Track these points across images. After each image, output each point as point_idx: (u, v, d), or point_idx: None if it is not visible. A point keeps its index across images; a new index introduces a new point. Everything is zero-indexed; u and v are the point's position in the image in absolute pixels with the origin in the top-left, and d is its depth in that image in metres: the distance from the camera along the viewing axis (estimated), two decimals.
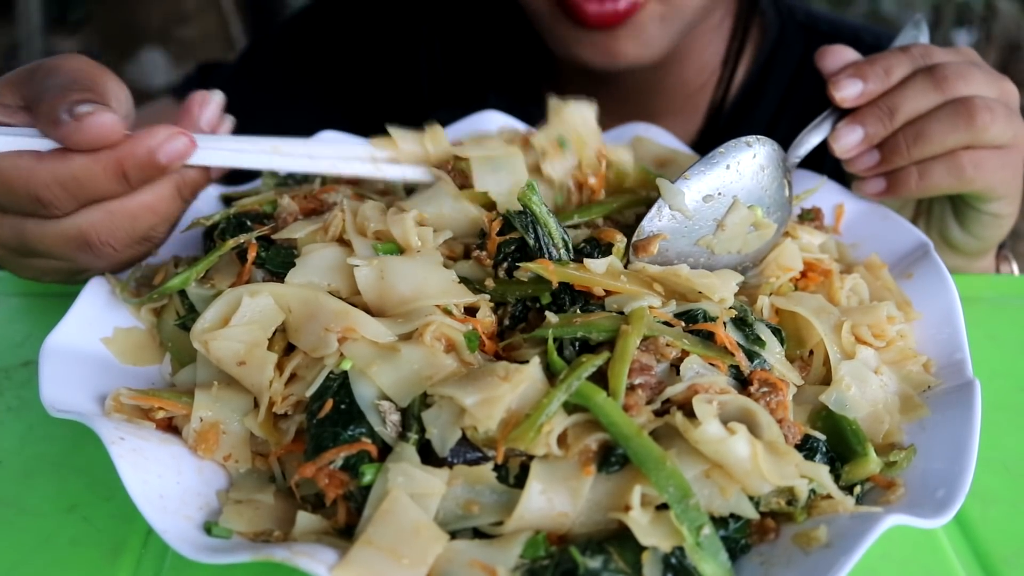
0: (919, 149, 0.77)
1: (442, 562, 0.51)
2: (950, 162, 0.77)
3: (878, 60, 0.79)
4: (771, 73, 1.21)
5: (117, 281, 0.72)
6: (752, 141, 0.72)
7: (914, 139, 0.77)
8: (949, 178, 0.78)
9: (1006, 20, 3.38)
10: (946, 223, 0.87)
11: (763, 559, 0.53)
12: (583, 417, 0.55)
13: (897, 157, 0.78)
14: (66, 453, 0.66)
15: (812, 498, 0.56)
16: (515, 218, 0.65)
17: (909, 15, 1.25)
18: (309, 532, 0.55)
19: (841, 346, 0.65)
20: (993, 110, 0.75)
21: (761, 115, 0.69)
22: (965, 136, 0.76)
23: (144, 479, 0.54)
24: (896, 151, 0.78)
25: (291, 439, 0.60)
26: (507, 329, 0.66)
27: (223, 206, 0.83)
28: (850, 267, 0.78)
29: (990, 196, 0.81)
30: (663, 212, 0.70)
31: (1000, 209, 0.83)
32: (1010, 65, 3.33)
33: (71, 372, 0.63)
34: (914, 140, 0.77)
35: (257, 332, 0.61)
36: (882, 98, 0.78)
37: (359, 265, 0.64)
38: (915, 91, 0.77)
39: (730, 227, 0.71)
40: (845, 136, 0.79)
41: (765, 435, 0.55)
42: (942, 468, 0.57)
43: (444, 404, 0.55)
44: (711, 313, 0.62)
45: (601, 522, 0.53)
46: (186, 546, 0.50)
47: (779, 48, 1.21)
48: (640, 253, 0.69)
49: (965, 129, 0.75)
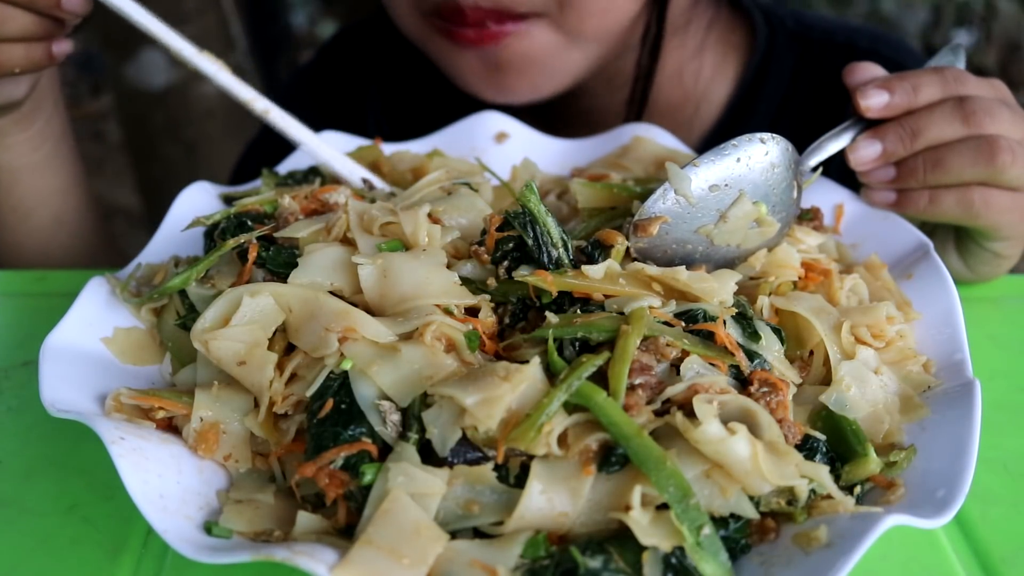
0: (935, 176, 0.77)
1: (442, 562, 0.50)
2: (961, 194, 0.78)
3: (908, 76, 0.79)
4: (762, 89, 1.17)
5: (117, 281, 0.72)
6: (766, 138, 0.71)
7: (932, 165, 0.77)
8: (957, 209, 0.78)
9: (1006, 20, 3.38)
10: (946, 251, 0.87)
11: (763, 559, 0.53)
12: (583, 417, 0.55)
13: (912, 178, 0.79)
14: (66, 453, 0.66)
15: (812, 498, 0.56)
16: (514, 218, 0.65)
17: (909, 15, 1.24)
18: (309, 532, 0.55)
19: (841, 346, 0.65)
20: (1015, 152, 0.75)
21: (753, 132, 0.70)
22: (983, 173, 0.76)
23: (144, 479, 0.54)
24: (912, 173, 0.78)
25: (291, 439, 0.60)
26: (507, 328, 0.66)
27: (223, 206, 0.83)
28: (850, 267, 0.78)
29: (995, 235, 0.81)
30: (668, 196, 0.70)
31: (1003, 249, 0.83)
32: (1010, 65, 3.33)
33: (71, 372, 0.63)
34: (932, 166, 0.77)
35: (257, 332, 0.61)
36: (906, 118, 0.78)
37: (363, 263, 0.64)
38: (941, 118, 0.77)
39: (732, 220, 0.71)
40: (863, 149, 0.79)
41: (765, 435, 0.55)
42: (942, 468, 0.57)
43: (444, 404, 0.55)
44: (711, 313, 0.62)
45: (601, 522, 0.53)
46: (186, 546, 0.50)
47: (769, 62, 1.17)
48: (640, 233, 0.69)
49: (985, 166, 0.75)
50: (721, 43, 1.19)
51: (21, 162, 1.00)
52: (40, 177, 1.03)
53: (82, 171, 1.10)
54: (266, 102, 0.82)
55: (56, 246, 1.07)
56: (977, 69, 0.83)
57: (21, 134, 0.98)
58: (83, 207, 1.10)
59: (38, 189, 1.03)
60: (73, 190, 1.07)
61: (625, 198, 0.77)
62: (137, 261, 0.76)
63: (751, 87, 1.17)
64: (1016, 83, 0.84)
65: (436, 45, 1.03)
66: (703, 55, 1.17)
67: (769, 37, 1.18)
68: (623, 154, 0.93)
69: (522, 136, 0.98)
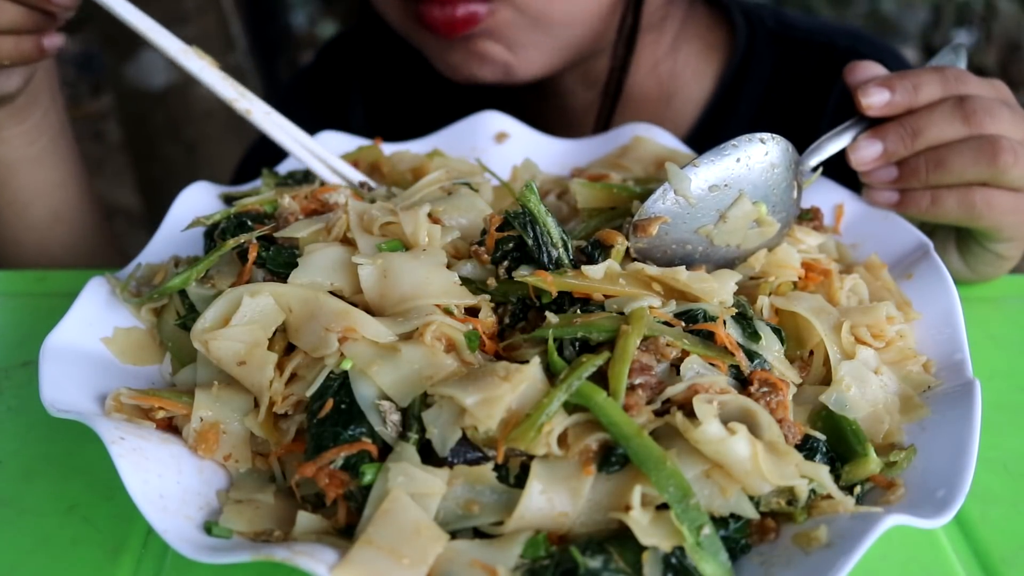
0: (937, 176, 0.77)
1: (442, 562, 0.50)
2: (963, 195, 0.78)
3: (908, 75, 0.79)
4: (742, 89, 1.17)
5: (117, 281, 0.72)
6: (766, 138, 0.71)
7: (935, 165, 0.77)
8: (959, 210, 0.78)
9: (1006, 20, 3.38)
10: (947, 251, 0.87)
11: (763, 559, 0.53)
12: (583, 417, 0.55)
13: (914, 179, 0.79)
14: (66, 453, 0.66)
15: (812, 498, 0.56)
16: (514, 218, 0.65)
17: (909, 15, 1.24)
18: (309, 532, 0.55)
19: (841, 346, 0.65)
20: (1017, 153, 0.75)
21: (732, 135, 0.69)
22: (985, 173, 0.76)
23: (144, 479, 0.54)
24: (914, 173, 0.78)
25: (291, 439, 0.60)
26: (507, 328, 0.66)
27: (223, 206, 0.83)
28: (850, 267, 0.78)
29: (997, 236, 0.81)
30: (667, 196, 0.70)
31: (1005, 250, 0.83)
32: (1010, 65, 3.33)
33: (71, 372, 0.63)
34: (934, 166, 0.77)
35: (257, 332, 0.61)
36: (907, 118, 0.78)
37: (363, 263, 0.64)
38: (941, 118, 0.77)
39: (732, 220, 0.71)
40: (864, 149, 0.79)
41: (765, 435, 0.55)
42: (942, 468, 0.57)
43: (444, 404, 0.55)
44: (711, 313, 0.62)
45: (601, 522, 0.53)
46: (186, 546, 0.50)
47: (749, 61, 1.18)
48: (639, 233, 0.69)
49: (986, 166, 0.75)
50: (700, 42, 1.20)
51: (17, 155, 1.00)
52: (37, 171, 1.03)
53: (82, 168, 1.10)
54: (249, 102, 0.82)
55: (54, 242, 1.07)
56: (977, 69, 0.83)
57: (16, 127, 0.98)
58: (82, 203, 1.10)
59: (35, 183, 1.04)
60: (71, 185, 1.07)
61: (625, 198, 0.77)
62: (137, 261, 0.76)
63: (731, 86, 1.18)
64: (1016, 83, 0.84)
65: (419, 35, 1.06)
66: (677, 53, 1.18)
67: (749, 37, 1.19)
68: (623, 154, 0.93)
69: (522, 136, 0.98)
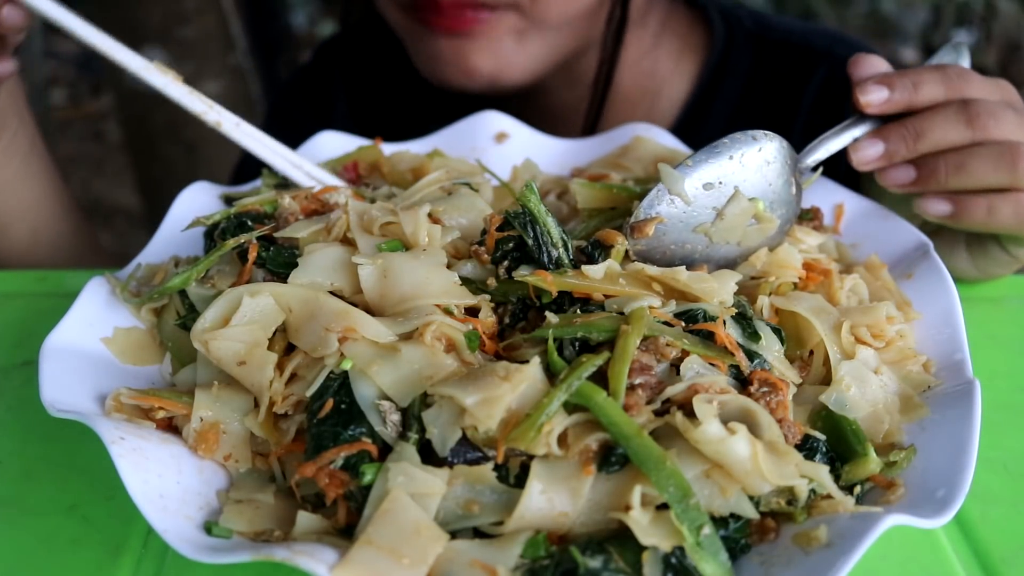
0: (957, 180, 0.77)
1: (442, 562, 0.51)
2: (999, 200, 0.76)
3: (908, 73, 0.79)
4: (718, 89, 1.17)
5: (117, 281, 0.72)
6: (759, 136, 0.71)
7: (955, 169, 0.76)
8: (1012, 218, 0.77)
9: (1006, 20, 3.38)
10: (955, 250, 0.85)
11: (763, 559, 0.53)
12: (583, 417, 0.55)
13: (933, 181, 0.78)
14: (66, 453, 0.66)
15: (812, 498, 0.56)
16: (514, 218, 0.65)
17: (909, 15, 1.25)
18: (309, 532, 0.55)
19: (841, 346, 0.65)
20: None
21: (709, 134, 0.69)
22: (1006, 178, 0.75)
23: (144, 479, 0.54)
24: (934, 175, 0.77)
25: (291, 439, 0.60)
26: (507, 328, 0.66)
27: (223, 206, 0.83)
28: (850, 267, 0.78)
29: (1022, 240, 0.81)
30: (663, 197, 0.70)
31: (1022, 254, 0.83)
32: (1010, 65, 3.33)
33: (71, 372, 0.63)
34: (955, 170, 0.76)
35: (257, 332, 0.61)
36: (909, 119, 0.78)
37: (363, 263, 0.64)
38: (944, 121, 0.76)
39: (729, 217, 0.71)
40: (865, 149, 0.78)
41: (765, 435, 0.55)
42: (942, 468, 0.57)
43: (444, 404, 0.55)
44: (711, 313, 0.62)
45: (601, 522, 0.53)
46: (186, 546, 0.50)
47: (726, 61, 1.18)
48: (636, 234, 0.69)
49: (1007, 171, 0.75)
50: (678, 41, 1.20)
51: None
52: (12, 194, 1.02)
53: (58, 182, 1.09)
54: (218, 114, 0.80)
55: (35, 256, 1.07)
56: (977, 69, 0.82)
57: None
58: (60, 219, 1.09)
59: (11, 206, 1.03)
60: (47, 203, 1.07)
61: (625, 198, 0.77)
62: (137, 261, 0.76)
63: (708, 86, 1.18)
64: (1016, 83, 0.84)
65: (413, 31, 1.06)
66: (658, 51, 1.18)
67: (726, 37, 1.19)
68: (623, 154, 0.93)
69: (522, 136, 0.98)
